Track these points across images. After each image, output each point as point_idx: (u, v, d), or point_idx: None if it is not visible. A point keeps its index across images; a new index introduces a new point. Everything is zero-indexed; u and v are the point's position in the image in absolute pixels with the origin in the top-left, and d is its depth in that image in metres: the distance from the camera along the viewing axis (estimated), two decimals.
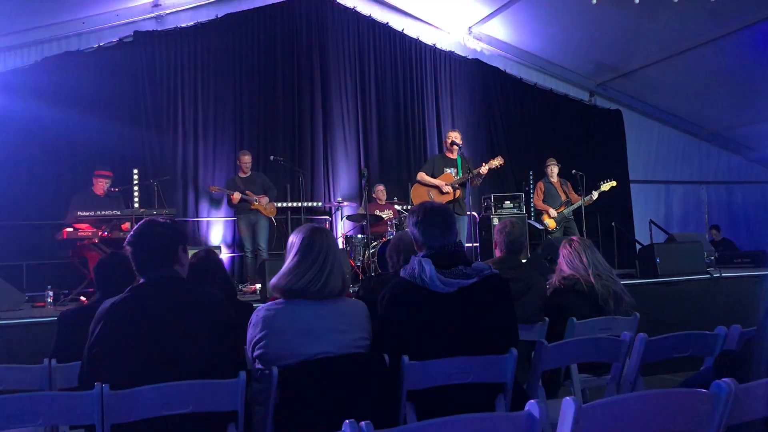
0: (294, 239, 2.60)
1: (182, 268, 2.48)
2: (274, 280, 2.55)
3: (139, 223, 2.48)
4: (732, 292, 6.66)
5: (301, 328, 2.45)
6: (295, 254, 2.54)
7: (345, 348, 2.47)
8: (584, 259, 3.94)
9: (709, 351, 3.06)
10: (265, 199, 8.08)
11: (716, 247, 9.34)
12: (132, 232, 2.45)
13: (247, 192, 7.92)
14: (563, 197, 8.74)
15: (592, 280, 3.83)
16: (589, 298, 3.81)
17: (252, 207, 7.98)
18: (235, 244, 8.86)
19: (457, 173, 7.54)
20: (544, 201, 8.78)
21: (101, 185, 7.26)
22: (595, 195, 8.56)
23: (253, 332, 2.47)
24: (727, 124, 11.86)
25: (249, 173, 8.22)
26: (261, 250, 8.05)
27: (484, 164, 7.55)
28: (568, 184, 8.95)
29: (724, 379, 1.79)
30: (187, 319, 2.31)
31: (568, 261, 4.01)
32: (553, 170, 8.90)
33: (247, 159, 8.18)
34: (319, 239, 2.56)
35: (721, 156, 12.53)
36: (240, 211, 8.06)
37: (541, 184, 8.94)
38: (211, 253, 3.65)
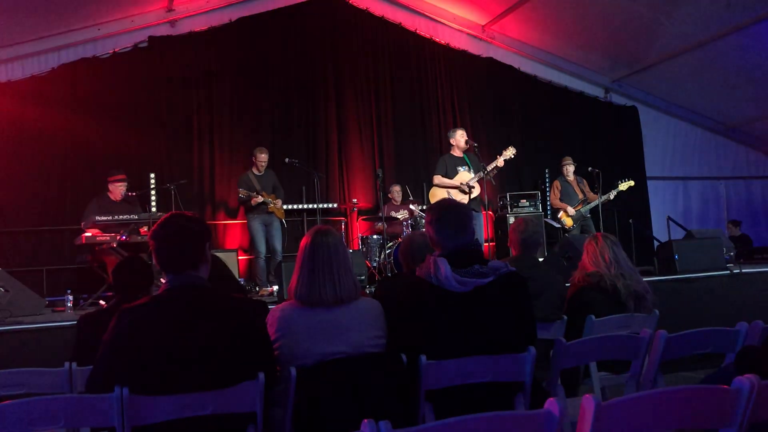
0: (301, 244, 2.62)
1: (207, 266, 2.37)
2: (290, 286, 2.59)
3: (164, 217, 2.34)
4: (753, 287, 6.59)
5: (316, 329, 2.46)
6: (302, 262, 2.57)
7: (361, 347, 2.47)
8: (607, 257, 3.93)
9: (731, 347, 3.03)
10: (279, 202, 8.08)
11: (734, 243, 9.24)
12: (156, 226, 2.30)
13: (263, 193, 7.91)
14: (580, 195, 8.71)
15: (615, 279, 3.83)
16: (611, 295, 3.80)
17: (269, 209, 7.98)
18: (240, 247, 8.82)
19: (469, 171, 7.53)
20: (561, 199, 8.75)
21: (119, 190, 7.30)
22: (612, 194, 8.52)
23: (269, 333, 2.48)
24: (745, 118, 11.71)
25: (263, 172, 8.21)
26: (277, 253, 8.01)
27: (498, 157, 7.55)
28: (585, 182, 8.91)
29: (746, 376, 1.77)
30: (212, 328, 2.22)
31: (593, 258, 3.99)
32: (569, 169, 8.88)
33: (264, 157, 8.10)
34: (322, 244, 2.56)
35: (740, 151, 12.37)
36: (255, 211, 7.96)
37: (557, 183, 8.91)
38: (215, 258, 3.64)
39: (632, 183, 8.68)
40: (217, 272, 3.35)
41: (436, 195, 7.62)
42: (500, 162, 7.54)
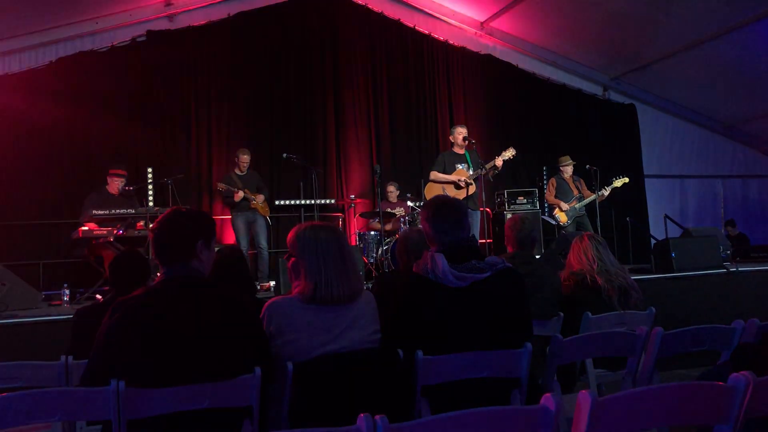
0: (291, 239, 2.55)
1: (201, 264, 2.36)
2: (299, 283, 2.52)
3: (166, 212, 2.42)
4: (749, 286, 6.61)
5: (320, 327, 2.44)
6: (312, 258, 2.48)
7: (360, 343, 2.47)
8: (590, 255, 3.97)
9: (727, 345, 3.03)
10: (261, 198, 8.10)
11: (732, 243, 9.26)
12: (157, 219, 2.39)
13: (245, 190, 7.92)
14: (575, 192, 8.71)
15: (597, 276, 3.86)
16: (595, 292, 3.83)
17: (251, 206, 7.98)
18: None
19: (468, 168, 7.52)
20: (556, 196, 8.76)
21: (116, 184, 7.30)
22: (606, 191, 8.53)
23: (264, 327, 2.46)
24: (742, 117, 11.73)
25: (245, 172, 8.21)
26: (262, 249, 8.04)
27: (497, 157, 7.54)
28: (581, 180, 8.91)
29: (742, 372, 1.77)
30: (206, 320, 2.23)
31: (577, 256, 4.05)
32: (567, 169, 8.85)
33: (246, 158, 8.14)
34: (332, 241, 2.52)
35: (737, 149, 12.39)
36: (238, 209, 7.98)
37: (553, 180, 8.91)
38: (234, 250, 3.65)
39: (627, 179, 8.69)
40: (226, 263, 3.36)
41: (431, 189, 7.62)
42: (498, 162, 7.51)
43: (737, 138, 12.31)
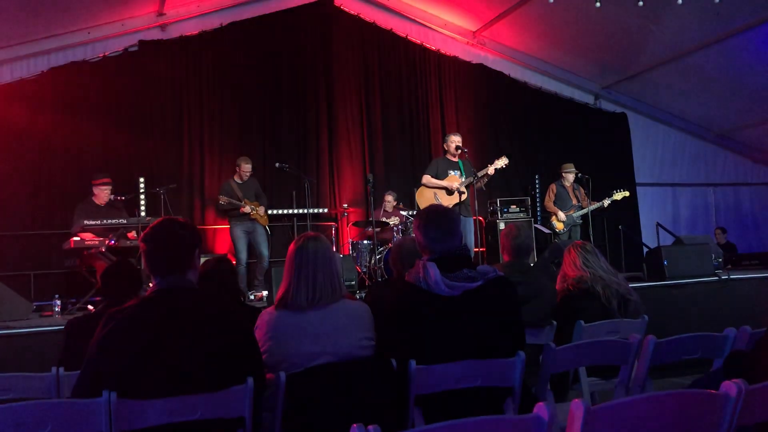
0: (296, 250, 2.65)
1: (195, 272, 2.38)
2: (279, 293, 2.62)
3: (157, 221, 2.38)
4: (741, 293, 6.63)
5: (302, 330, 2.48)
6: (285, 268, 2.62)
7: (348, 349, 2.47)
8: (579, 264, 3.96)
9: (719, 352, 3.04)
10: (262, 209, 8.06)
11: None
12: (148, 230, 2.34)
13: (245, 200, 7.88)
14: (574, 201, 8.74)
15: (592, 283, 3.86)
16: (596, 299, 3.82)
17: (251, 216, 7.94)
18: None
19: (461, 176, 7.54)
20: (554, 204, 8.78)
21: (104, 194, 7.23)
22: (606, 203, 8.57)
23: (257, 336, 2.47)
24: (734, 125, 11.80)
25: (245, 180, 8.13)
26: (264, 257, 7.97)
27: (489, 165, 7.56)
28: (581, 189, 8.93)
29: (734, 380, 1.78)
30: (198, 331, 2.22)
31: (570, 267, 4.03)
32: (568, 176, 8.88)
33: (248, 167, 8.05)
34: (300, 249, 2.60)
35: (728, 158, 12.47)
36: (237, 218, 7.91)
37: (553, 187, 8.93)
38: (224, 261, 3.65)
39: (627, 193, 8.74)
40: (216, 273, 3.36)
41: (423, 194, 7.63)
42: (490, 170, 7.52)
43: (729, 146, 12.38)
